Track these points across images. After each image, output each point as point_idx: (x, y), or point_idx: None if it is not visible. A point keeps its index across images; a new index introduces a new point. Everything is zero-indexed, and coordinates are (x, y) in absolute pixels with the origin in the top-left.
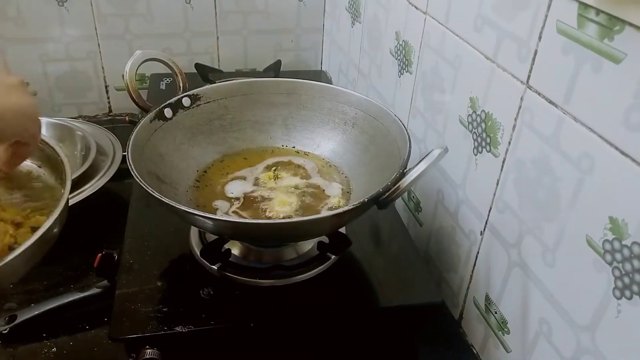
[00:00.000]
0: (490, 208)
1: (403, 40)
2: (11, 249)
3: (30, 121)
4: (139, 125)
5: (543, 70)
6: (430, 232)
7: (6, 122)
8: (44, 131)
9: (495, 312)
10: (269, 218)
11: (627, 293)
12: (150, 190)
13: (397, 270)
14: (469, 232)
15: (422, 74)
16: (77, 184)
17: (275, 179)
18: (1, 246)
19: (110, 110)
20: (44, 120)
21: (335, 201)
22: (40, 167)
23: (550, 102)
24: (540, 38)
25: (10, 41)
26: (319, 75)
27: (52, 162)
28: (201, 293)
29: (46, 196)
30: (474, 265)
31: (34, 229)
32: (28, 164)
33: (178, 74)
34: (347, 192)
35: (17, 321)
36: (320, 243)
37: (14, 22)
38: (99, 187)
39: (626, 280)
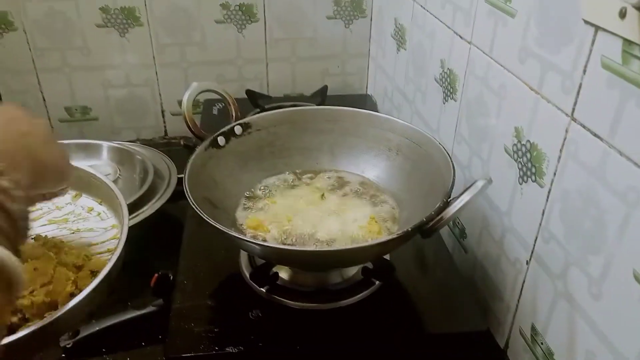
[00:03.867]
0: (536, 237)
1: (448, 69)
2: (72, 294)
3: (66, 174)
4: (195, 153)
5: (588, 103)
6: (475, 259)
7: (46, 177)
8: (105, 155)
9: (542, 343)
10: (317, 240)
11: None
12: (205, 216)
13: (442, 297)
14: (515, 260)
15: (466, 102)
16: (136, 205)
17: (322, 199)
18: (64, 294)
19: (166, 134)
20: (105, 144)
21: (380, 227)
22: (100, 204)
23: (595, 135)
24: (584, 72)
25: (75, 68)
26: (365, 100)
27: (111, 201)
28: (250, 315)
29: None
30: (520, 294)
31: (94, 273)
32: (90, 201)
33: (231, 104)
34: (393, 218)
35: (79, 336)
36: (364, 268)
37: (80, 51)
38: (156, 209)
39: None
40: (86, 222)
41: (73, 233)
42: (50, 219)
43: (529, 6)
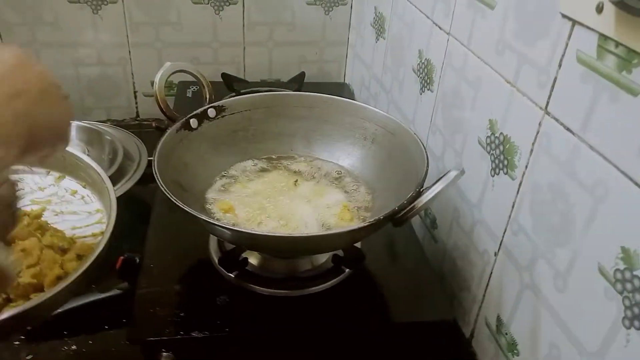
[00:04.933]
0: (505, 229)
1: (426, 59)
2: (59, 277)
3: (66, 134)
4: (166, 134)
5: (561, 97)
6: (445, 250)
7: (42, 141)
8: (74, 134)
9: (506, 333)
10: (289, 226)
11: (637, 323)
12: (174, 199)
13: (410, 286)
14: (483, 251)
15: (443, 93)
16: None
17: (295, 185)
18: (51, 277)
19: (138, 115)
20: (74, 124)
21: (352, 215)
22: (84, 187)
23: (568, 129)
24: (560, 66)
25: (45, 45)
26: (342, 88)
27: (96, 184)
28: (217, 300)
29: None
30: (487, 285)
31: (80, 256)
32: (73, 184)
33: (205, 86)
34: (366, 206)
35: None
36: (335, 256)
37: (51, 27)
38: (125, 191)
39: (636, 310)
40: (70, 205)
41: (56, 215)
42: (33, 199)
43: None
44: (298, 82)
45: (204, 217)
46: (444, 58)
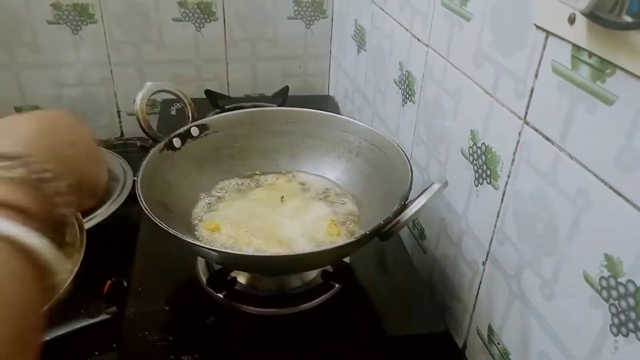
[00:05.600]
0: (492, 239)
1: (406, 71)
2: None
3: (100, 193)
4: (149, 155)
5: (539, 107)
6: (434, 260)
7: (83, 191)
8: None
9: (498, 343)
10: (276, 244)
11: (624, 330)
12: (158, 221)
13: (401, 299)
14: (472, 261)
15: (424, 105)
16: (88, 210)
17: (282, 201)
18: None
19: (122, 135)
20: None
21: (340, 230)
22: None
23: (547, 138)
24: (536, 76)
25: (25, 66)
26: (326, 100)
27: None
28: (207, 321)
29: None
30: (477, 295)
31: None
32: None
33: (187, 104)
34: (353, 219)
35: None
36: (324, 272)
37: (30, 48)
38: (110, 213)
39: (622, 317)
40: None
41: None
42: None
43: (483, 10)
44: (282, 96)
45: (189, 240)
46: (424, 70)
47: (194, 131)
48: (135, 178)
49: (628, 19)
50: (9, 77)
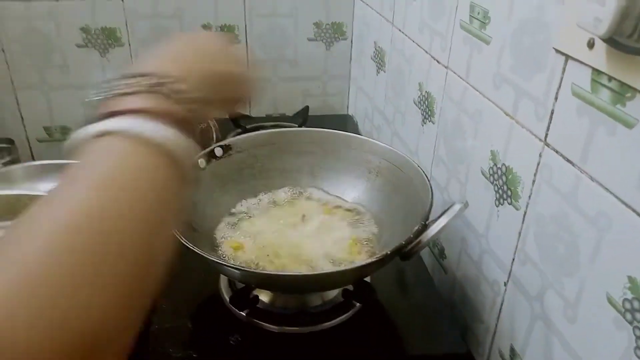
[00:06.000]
0: (513, 259)
1: (426, 92)
2: None
3: (240, 79)
4: None
5: (560, 129)
6: (454, 280)
7: (222, 85)
8: None
9: None
10: (298, 263)
11: None
12: (184, 241)
13: (422, 319)
14: (493, 282)
15: (444, 125)
16: None
17: (303, 220)
18: None
19: None
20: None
21: (361, 249)
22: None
23: (568, 160)
24: (556, 99)
25: (54, 87)
26: (346, 120)
27: None
28: (229, 339)
29: None
30: (499, 315)
31: None
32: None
33: (212, 126)
34: (374, 239)
35: None
36: (345, 290)
37: (60, 69)
38: None
39: None
40: None
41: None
42: None
43: (503, 34)
44: (302, 116)
45: (213, 259)
46: (444, 91)
47: (218, 151)
48: None
49: None
50: (39, 97)
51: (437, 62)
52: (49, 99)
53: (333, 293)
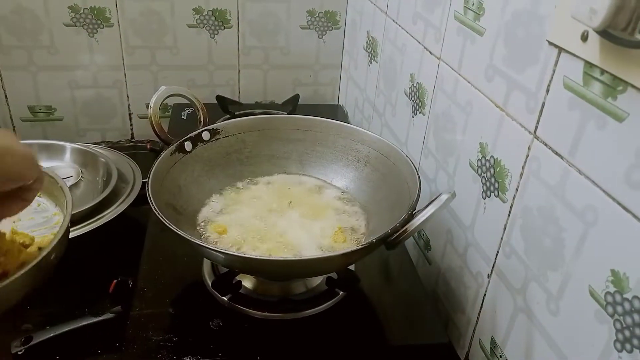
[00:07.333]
0: (498, 252)
1: (417, 83)
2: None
3: (27, 164)
4: (160, 157)
5: (550, 122)
6: (438, 271)
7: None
8: (68, 156)
9: (500, 356)
10: (283, 249)
11: (628, 346)
12: (167, 222)
13: (404, 309)
14: (477, 274)
15: (434, 116)
16: (97, 209)
17: (289, 206)
18: (15, 265)
19: (133, 137)
20: (68, 145)
21: (346, 237)
22: (39, 196)
23: (557, 153)
24: (547, 91)
25: (42, 68)
26: (336, 110)
27: (50, 192)
28: (211, 324)
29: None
30: (481, 307)
31: (41, 249)
32: None
33: (200, 109)
34: (360, 228)
35: (32, 342)
36: (329, 278)
37: (47, 49)
38: (118, 213)
39: (627, 333)
40: (25, 212)
41: (14, 222)
42: None
43: (497, 25)
44: (292, 104)
45: (197, 241)
46: (435, 82)
47: (206, 135)
48: (145, 179)
49: None
50: (26, 76)
51: (430, 53)
52: (35, 78)
53: (317, 281)
